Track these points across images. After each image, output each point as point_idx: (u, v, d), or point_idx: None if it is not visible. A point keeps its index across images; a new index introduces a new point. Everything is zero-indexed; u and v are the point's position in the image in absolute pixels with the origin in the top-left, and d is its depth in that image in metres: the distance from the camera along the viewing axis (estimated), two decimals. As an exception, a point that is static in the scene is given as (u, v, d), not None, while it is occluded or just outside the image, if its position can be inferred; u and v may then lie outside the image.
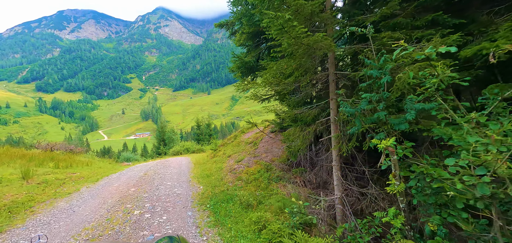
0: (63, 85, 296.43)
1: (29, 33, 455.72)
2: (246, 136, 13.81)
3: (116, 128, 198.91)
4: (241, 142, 12.73)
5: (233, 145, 12.86)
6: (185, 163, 12.60)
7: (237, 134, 15.58)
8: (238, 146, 12.08)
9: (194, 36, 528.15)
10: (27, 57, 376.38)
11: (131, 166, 13.34)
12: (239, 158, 9.50)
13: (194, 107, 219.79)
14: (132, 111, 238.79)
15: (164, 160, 15.68)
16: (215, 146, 14.20)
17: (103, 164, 13.07)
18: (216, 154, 12.87)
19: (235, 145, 12.71)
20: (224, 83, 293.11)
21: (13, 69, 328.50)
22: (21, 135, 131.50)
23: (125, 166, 13.10)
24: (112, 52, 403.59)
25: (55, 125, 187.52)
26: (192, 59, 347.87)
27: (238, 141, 13.33)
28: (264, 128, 12.53)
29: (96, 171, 10.29)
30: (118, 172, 10.21)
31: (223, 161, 10.44)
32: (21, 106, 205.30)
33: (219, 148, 14.00)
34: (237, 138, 14.38)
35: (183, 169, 10.84)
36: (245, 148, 10.85)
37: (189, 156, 17.01)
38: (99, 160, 14.24)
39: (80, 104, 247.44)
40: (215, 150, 13.68)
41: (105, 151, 79.52)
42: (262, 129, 11.83)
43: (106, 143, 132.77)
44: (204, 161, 12.25)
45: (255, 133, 12.72)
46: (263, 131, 11.66)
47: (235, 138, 14.85)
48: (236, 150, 11.14)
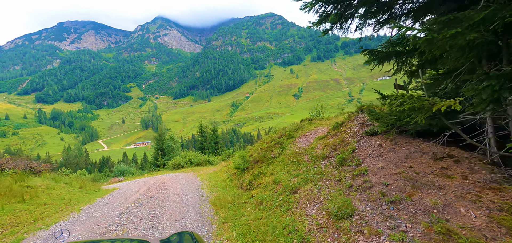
0: (63, 95, 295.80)
1: (29, 45, 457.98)
2: (303, 140, 9.11)
3: (116, 137, 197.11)
4: (298, 153, 8.01)
5: (283, 162, 7.76)
6: (192, 189, 8.66)
7: (281, 139, 10.17)
8: (297, 163, 7.28)
9: (193, 44, 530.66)
10: (28, 68, 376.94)
11: (115, 190, 9.75)
12: (337, 204, 4.48)
13: (195, 115, 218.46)
14: (132, 120, 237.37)
15: (162, 177, 12.48)
16: (243, 162, 9.23)
17: (71, 190, 9.20)
18: (245, 177, 8.29)
19: (288, 160, 7.73)
20: (224, 90, 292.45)
21: (13, 81, 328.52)
22: (20, 147, 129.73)
23: (102, 193, 9.32)
24: (112, 62, 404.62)
25: (55, 135, 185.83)
26: (191, 67, 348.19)
27: (292, 152, 8.29)
28: (343, 122, 8.33)
29: (53, 204, 7.11)
30: (86, 207, 7.14)
31: (283, 201, 5.51)
32: (20, 118, 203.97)
33: (251, 165, 9.04)
34: (285, 145, 9.37)
35: (191, 204, 6.88)
36: (325, 169, 6.21)
37: (193, 172, 13.58)
38: (67, 184, 9.92)
39: (80, 115, 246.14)
40: (243, 169, 9.05)
41: (104, 161, 77.81)
42: (356, 128, 7.39)
43: (106, 153, 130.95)
44: (225, 188, 8.19)
45: (322, 136, 8.36)
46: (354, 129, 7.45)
47: (280, 145, 9.53)
48: (299, 172, 6.57)
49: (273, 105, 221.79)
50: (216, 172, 11.77)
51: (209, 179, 10.21)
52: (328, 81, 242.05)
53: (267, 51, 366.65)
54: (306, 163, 7.08)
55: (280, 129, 12.44)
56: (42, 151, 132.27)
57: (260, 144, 11.74)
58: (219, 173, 11.41)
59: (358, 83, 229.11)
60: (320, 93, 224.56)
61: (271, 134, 12.18)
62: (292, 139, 9.71)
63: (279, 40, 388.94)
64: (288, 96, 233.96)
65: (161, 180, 11.31)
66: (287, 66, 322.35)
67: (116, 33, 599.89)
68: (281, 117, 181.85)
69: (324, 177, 5.88)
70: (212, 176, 11.05)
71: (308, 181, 5.99)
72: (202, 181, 10.20)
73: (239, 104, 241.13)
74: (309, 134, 9.71)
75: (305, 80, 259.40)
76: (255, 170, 8.26)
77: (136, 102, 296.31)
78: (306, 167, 6.82)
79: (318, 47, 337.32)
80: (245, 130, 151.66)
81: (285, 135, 10.44)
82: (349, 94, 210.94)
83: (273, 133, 12.46)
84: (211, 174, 11.84)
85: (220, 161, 17.81)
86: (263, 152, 9.85)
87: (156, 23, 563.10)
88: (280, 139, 10.25)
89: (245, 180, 8.09)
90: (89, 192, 9.41)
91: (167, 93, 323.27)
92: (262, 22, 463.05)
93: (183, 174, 13.08)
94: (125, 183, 11.13)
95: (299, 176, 6.39)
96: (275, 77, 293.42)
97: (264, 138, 12.87)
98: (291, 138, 9.89)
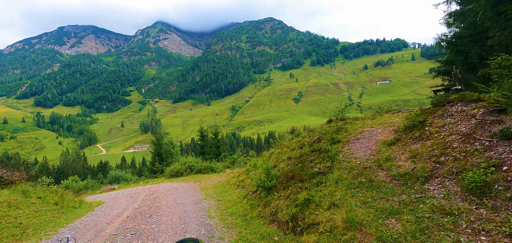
0: (62, 99, 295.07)
1: (29, 49, 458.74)
2: (357, 147, 6.51)
3: (115, 141, 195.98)
4: (363, 166, 5.40)
5: (345, 182, 5.10)
6: (195, 216, 6.63)
7: (321, 145, 7.19)
8: (371, 185, 4.68)
9: (193, 49, 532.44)
10: (27, 72, 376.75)
11: (99, 206, 8.66)
12: None
13: (194, 119, 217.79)
14: (131, 124, 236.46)
15: (156, 189, 10.77)
16: (267, 177, 6.61)
17: (40, 208, 7.38)
18: (278, 203, 5.73)
19: (351, 178, 5.14)
20: (224, 94, 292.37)
21: (12, 84, 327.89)
22: (17, 151, 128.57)
23: (80, 211, 7.88)
24: (111, 66, 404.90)
25: (53, 139, 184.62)
26: (191, 71, 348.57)
27: (351, 165, 5.65)
28: (425, 119, 5.97)
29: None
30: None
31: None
32: (19, 121, 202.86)
33: (282, 182, 6.46)
34: (333, 154, 6.51)
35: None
36: (446, 203, 3.60)
37: (194, 181, 11.83)
38: (41, 198, 8.21)
39: (79, 118, 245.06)
40: (268, 188, 6.54)
41: (102, 166, 76.88)
42: (464, 128, 4.88)
43: (104, 157, 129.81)
44: (245, 219, 5.89)
45: (391, 141, 5.96)
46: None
47: (325, 154, 6.57)
48: (391, 206, 3.92)
49: (273, 109, 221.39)
50: (222, 184, 10.03)
51: (216, 195, 8.39)
52: (328, 86, 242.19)
53: (267, 56, 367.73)
54: (391, 186, 4.37)
55: (306, 131, 9.89)
56: (40, 155, 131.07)
57: (283, 149, 9.14)
58: (227, 186, 9.50)
59: (358, 87, 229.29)
60: (320, 97, 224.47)
61: (297, 137, 9.69)
62: (339, 144, 6.87)
63: (278, 45, 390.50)
64: (288, 100, 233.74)
65: (154, 195, 9.57)
66: (286, 70, 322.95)
67: (116, 38, 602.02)
68: (281, 121, 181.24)
69: (462, 224, 3.16)
70: (219, 191, 9.20)
71: (428, 230, 3.18)
72: (208, 199, 8.30)
73: (239, 108, 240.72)
74: (362, 138, 6.91)
75: (304, 84, 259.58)
76: (294, 193, 5.60)
77: (136, 106, 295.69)
78: (397, 195, 4.10)
79: (317, 51, 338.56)
80: (244, 134, 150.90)
81: (326, 138, 7.45)
82: (349, 98, 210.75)
83: (299, 135, 9.95)
84: (217, 187, 10.06)
85: (224, 168, 16.66)
86: (297, 162, 7.06)
87: (156, 28, 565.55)
88: (318, 144, 7.29)
89: (281, 209, 5.34)
90: (65, 210, 7.84)
91: (166, 97, 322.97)
92: (262, 26, 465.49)
93: (182, 184, 11.47)
94: (116, 193, 10.15)
95: (399, 216, 3.59)
96: (275, 81, 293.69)
97: (287, 143, 9.78)
98: (337, 144, 7.00)
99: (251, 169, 9.81)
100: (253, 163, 10.36)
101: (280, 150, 9.37)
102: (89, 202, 9.40)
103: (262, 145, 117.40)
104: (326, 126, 9.36)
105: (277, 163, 8.14)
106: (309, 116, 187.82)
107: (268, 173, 6.61)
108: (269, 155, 9.84)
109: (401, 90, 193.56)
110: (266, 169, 6.66)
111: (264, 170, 6.69)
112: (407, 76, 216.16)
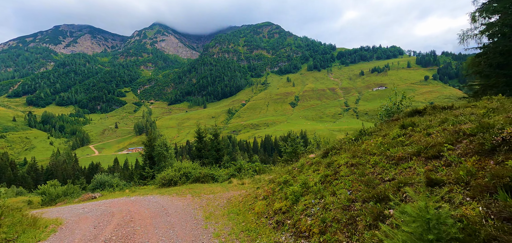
0: (55, 99, 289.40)
1: (23, 47, 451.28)
2: None
3: (108, 143, 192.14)
4: None
5: None
6: None
7: None
8: None
9: (191, 51, 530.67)
10: (20, 71, 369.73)
11: (54, 234, 6.76)
12: None
13: (190, 121, 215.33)
14: (125, 125, 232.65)
15: (140, 207, 8.40)
16: None
17: None
18: None
19: None
20: (220, 96, 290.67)
21: (4, 83, 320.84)
22: (6, 151, 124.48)
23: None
24: (107, 66, 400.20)
25: (44, 139, 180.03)
26: (188, 73, 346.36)
27: None
28: None
29: None
30: None
31: None
32: (9, 121, 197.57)
33: None
34: None
35: None
36: None
37: (193, 196, 9.16)
38: None
39: (72, 118, 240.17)
40: None
41: (93, 167, 74.42)
42: None
43: (96, 158, 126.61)
44: None
45: None
46: None
47: None
48: None
49: (270, 113, 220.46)
50: (237, 208, 7.10)
51: (236, 235, 5.58)
52: (325, 91, 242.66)
53: (264, 59, 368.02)
54: None
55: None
56: (29, 155, 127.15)
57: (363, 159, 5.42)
58: (251, 217, 6.35)
59: (354, 93, 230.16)
60: (316, 102, 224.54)
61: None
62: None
63: (276, 49, 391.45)
64: (285, 104, 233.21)
65: (128, 228, 6.70)
66: (283, 74, 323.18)
67: (113, 38, 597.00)
68: (278, 125, 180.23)
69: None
70: (239, 226, 6.06)
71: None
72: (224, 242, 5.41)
73: (235, 111, 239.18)
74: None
75: (301, 88, 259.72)
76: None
77: (131, 107, 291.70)
78: None
79: (314, 56, 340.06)
80: (241, 137, 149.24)
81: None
82: (345, 103, 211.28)
83: None
84: (231, 213, 7.00)
85: (227, 176, 14.13)
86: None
87: (154, 29, 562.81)
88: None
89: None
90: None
91: (162, 99, 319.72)
92: (260, 30, 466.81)
93: (175, 201, 8.59)
94: (91, 207, 7.94)
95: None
96: (272, 85, 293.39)
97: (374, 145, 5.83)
98: None
99: (286, 188, 6.39)
100: (284, 179, 7.10)
101: (358, 160, 5.46)
102: (45, 221, 7.46)
103: (259, 149, 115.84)
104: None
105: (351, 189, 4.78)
106: (306, 120, 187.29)
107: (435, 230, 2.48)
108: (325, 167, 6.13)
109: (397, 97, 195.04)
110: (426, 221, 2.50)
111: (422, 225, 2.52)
112: (403, 83, 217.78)
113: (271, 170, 13.53)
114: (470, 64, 10.50)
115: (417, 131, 5.31)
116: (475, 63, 9.55)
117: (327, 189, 5.23)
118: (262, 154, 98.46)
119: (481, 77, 9.14)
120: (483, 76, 8.88)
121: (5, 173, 63.59)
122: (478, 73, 9.59)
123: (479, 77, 9.45)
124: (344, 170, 5.39)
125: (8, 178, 63.31)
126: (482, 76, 9.09)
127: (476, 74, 9.50)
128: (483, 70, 9.06)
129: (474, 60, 10.41)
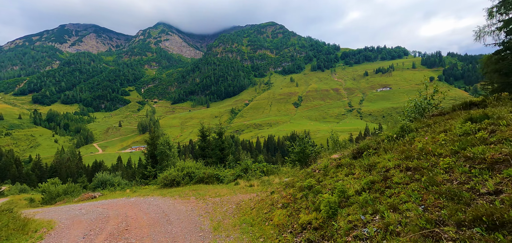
0: (60, 97, 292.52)
1: (29, 46, 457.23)
2: None
3: (112, 141, 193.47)
4: None
5: None
6: None
7: None
8: None
9: (194, 50, 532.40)
10: (26, 69, 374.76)
11: (41, 241, 6.34)
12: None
13: (193, 121, 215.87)
14: (129, 124, 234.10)
15: (139, 211, 7.88)
16: None
17: None
18: None
19: None
20: (223, 96, 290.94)
21: (11, 81, 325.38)
22: (11, 148, 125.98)
23: None
24: (111, 65, 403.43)
25: (49, 137, 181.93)
26: (191, 72, 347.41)
27: None
28: None
29: None
30: None
31: None
32: (15, 118, 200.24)
33: None
34: None
35: None
36: None
37: (197, 199, 8.65)
38: None
39: (77, 117, 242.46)
40: None
41: (97, 166, 74.75)
42: None
43: (100, 156, 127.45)
44: None
45: None
46: None
47: None
48: None
49: (273, 113, 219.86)
50: (250, 217, 6.39)
51: None
52: (328, 91, 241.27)
53: (268, 59, 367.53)
54: None
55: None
56: (34, 153, 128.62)
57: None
58: (269, 230, 5.45)
59: (358, 93, 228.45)
60: (320, 102, 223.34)
61: None
62: None
63: (279, 49, 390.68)
64: (288, 104, 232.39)
65: (125, 236, 6.13)
66: (287, 74, 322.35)
67: (118, 37, 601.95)
68: (281, 125, 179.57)
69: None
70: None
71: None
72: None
73: (238, 111, 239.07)
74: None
75: (305, 89, 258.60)
76: None
77: (134, 106, 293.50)
78: None
79: (318, 56, 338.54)
80: (243, 137, 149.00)
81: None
82: (349, 104, 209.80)
83: None
84: (244, 224, 6.18)
85: (233, 177, 13.44)
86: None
87: (158, 29, 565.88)
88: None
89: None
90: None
91: (166, 98, 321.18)
92: (263, 30, 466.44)
93: (178, 205, 7.92)
94: (89, 207, 7.59)
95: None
96: (275, 85, 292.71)
97: None
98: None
99: (312, 196, 5.54)
100: (308, 183, 6.14)
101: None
102: (36, 224, 6.90)
103: (262, 149, 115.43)
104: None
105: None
106: (309, 121, 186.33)
107: None
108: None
109: (402, 97, 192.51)
110: None
111: None
112: (407, 84, 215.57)
113: (280, 171, 12.98)
114: (486, 62, 10.01)
115: (504, 125, 4.15)
116: (493, 61, 9.10)
117: (379, 201, 4.01)
118: (265, 153, 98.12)
119: (501, 76, 8.68)
120: (503, 74, 8.42)
121: (10, 170, 64.25)
122: (496, 72, 9.13)
123: (498, 75, 9.00)
124: (398, 175, 4.31)
125: (13, 175, 64.03)
126: (501, 75, 8.63)
127: (495, 72, 9.05)
128: (502, 68, 8.61)
129: (490, 58, 9.93)
